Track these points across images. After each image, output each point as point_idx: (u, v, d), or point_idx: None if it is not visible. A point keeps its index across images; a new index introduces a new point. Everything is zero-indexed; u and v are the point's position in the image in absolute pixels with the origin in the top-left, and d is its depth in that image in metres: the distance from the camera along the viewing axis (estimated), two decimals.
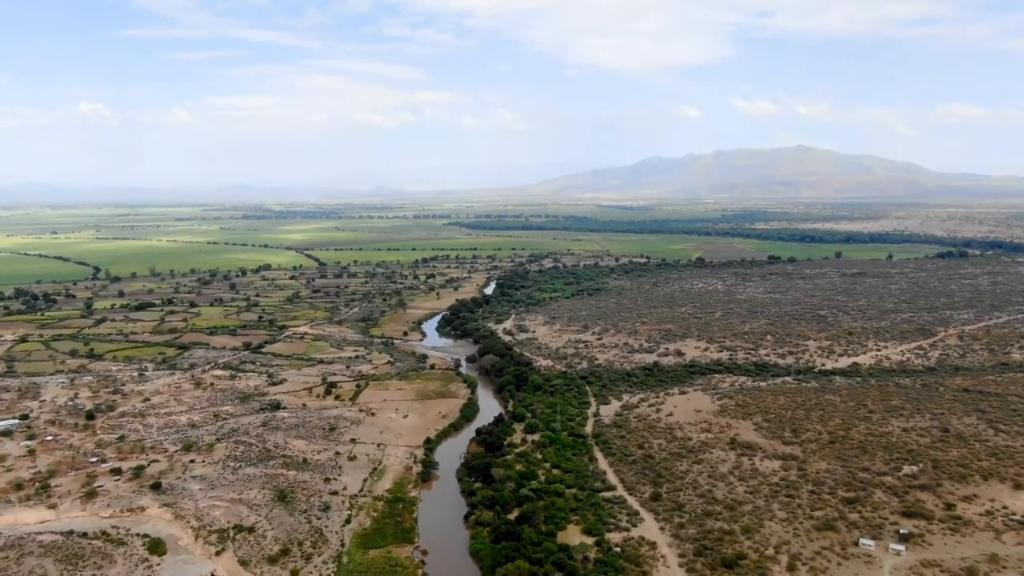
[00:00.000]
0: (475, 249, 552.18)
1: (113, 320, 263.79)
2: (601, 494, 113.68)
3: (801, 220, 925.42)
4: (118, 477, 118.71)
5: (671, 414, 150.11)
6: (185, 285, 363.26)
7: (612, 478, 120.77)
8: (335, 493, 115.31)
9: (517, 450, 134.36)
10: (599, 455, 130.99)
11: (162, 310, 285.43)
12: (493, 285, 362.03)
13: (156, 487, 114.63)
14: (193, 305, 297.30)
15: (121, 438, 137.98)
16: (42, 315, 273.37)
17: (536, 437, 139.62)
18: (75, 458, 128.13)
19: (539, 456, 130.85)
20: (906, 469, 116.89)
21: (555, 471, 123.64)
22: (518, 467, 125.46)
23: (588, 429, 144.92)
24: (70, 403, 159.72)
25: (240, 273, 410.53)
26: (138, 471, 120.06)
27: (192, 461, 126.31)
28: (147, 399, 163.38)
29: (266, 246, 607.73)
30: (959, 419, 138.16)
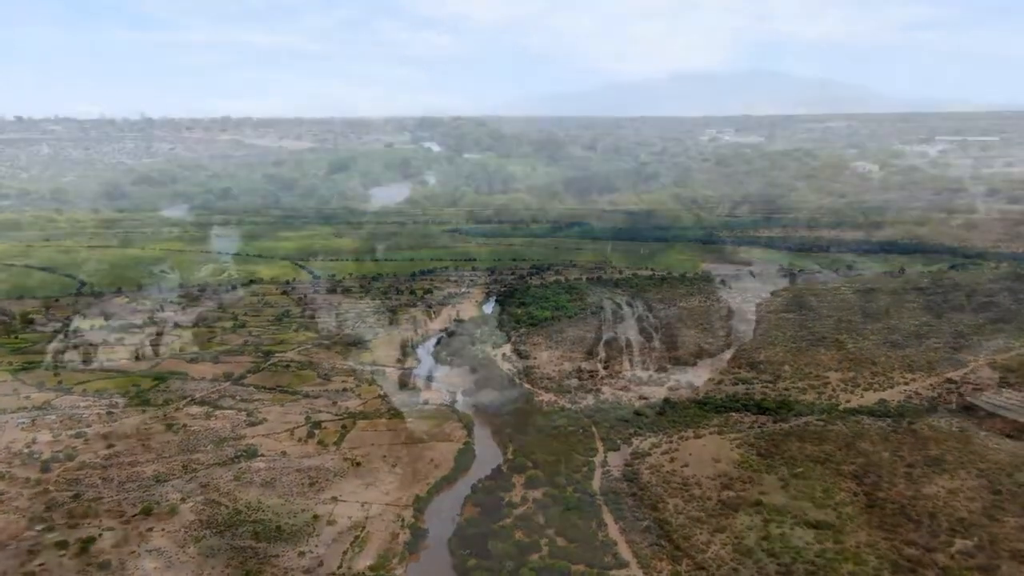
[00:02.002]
0: (475, 260, 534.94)
1: (90, 344, 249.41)
2: (612, 572, 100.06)
3: (806, 225, 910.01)
4: (63, 552, 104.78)
5: (687, 464, 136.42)
6: (171, 301, 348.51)
7: (624, 551, 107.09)
8: (309, 572, 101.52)
9: (517, 511, 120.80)
10: (609, 519, 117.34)
11: (143, 332, 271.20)
12: (492, 302, 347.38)
13: (104, 567, 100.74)
14: (177, 326, 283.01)
15: (76, 496, 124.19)
16: (16, 339, 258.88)
17: (538, 494, 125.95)
18: (19, 525, 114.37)
19: (542, 520, 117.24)
20: (958, 544, 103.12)
21: (560, 540, 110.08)
22: (518, 535, 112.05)
23: (595, 483, 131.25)
24: (26, 450, 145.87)
25: (230, 288, 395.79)
26: (86, 545, 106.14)
27: (150, 529, 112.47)
28: (111, 445, 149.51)
29: (260, 256, 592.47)
30: (1009, 476, 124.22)
